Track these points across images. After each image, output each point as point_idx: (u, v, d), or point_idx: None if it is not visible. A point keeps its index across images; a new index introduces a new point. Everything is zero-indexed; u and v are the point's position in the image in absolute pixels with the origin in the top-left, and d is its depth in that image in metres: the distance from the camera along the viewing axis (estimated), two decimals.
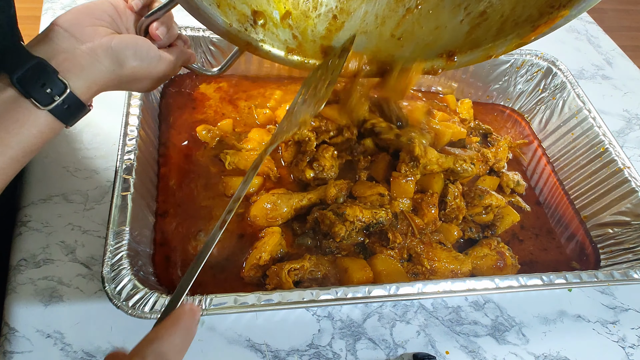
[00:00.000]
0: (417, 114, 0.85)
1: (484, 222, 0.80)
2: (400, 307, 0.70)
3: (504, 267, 0.73)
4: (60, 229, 0.67)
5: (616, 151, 0.84)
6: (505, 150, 0.91)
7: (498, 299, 0.73)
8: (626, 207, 0.81)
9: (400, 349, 0.65)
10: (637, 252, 0.76)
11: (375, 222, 0.71)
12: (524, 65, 0.97)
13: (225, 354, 0.61)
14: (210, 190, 0.75)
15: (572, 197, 0.89)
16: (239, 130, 0.84)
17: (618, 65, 1.22)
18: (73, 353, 0.58)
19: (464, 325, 0.69)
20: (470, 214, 0.79)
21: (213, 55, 0.87)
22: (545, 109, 0.98)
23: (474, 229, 0.79)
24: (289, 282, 0.63)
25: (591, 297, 0.77)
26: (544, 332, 0.71)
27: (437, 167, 0.77)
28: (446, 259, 0.72)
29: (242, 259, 0.68)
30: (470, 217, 0.80)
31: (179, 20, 0.98)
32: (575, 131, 0.91)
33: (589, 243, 0.83)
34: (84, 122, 0.78)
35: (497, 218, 0.80)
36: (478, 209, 0.79)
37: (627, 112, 1.11)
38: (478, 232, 0.79)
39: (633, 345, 0.72)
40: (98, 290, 0.63)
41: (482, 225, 0.80)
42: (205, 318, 0.63)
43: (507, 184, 0.87)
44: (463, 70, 0.97)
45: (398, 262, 0.70)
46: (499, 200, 0.78)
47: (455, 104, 0.99)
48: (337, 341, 0.65)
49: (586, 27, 1.31)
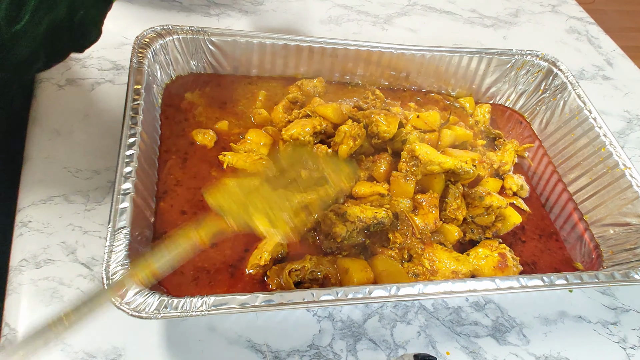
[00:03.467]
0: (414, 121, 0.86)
1: (485, 224, 0.80)
2: (401, 307, 0.69)
3: (505, 268, 0.73)
4: (61, 230, 0.67)
5: (617, 152, 0.84)
6: (511, 154, 0.91)
7: (499, 299, 0.73)
8: (627, 207, 0.81)
9: (401, 350, 0.65)
10: (637, 252, 0.76)
11: (376, 222, 0.71)
12: (525, 66, 0.97)
13: (225, 354, 0.61)
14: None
15: (573, 197, 0.89)
16: (237, 131, 0.84)
17: (619, 66, 1.22)
18: (74, 353, 0.58)
19: (464, 326, 0.69)
20: (471, 215, 0.79)
21: (213, 55, 0.87)
22: (546, 110, 0.98)
23: (475, 230, 0.79)
24: (290, 282, 0.64)
25: (592, 298, 0.77)
26: (545, 333, 0.71)
27: (438, 167, 0.77)
28: (447, 259, 0.71)
29: (243, 259, 0.68)
30: (471, 219, 0.80)
31: (180, 20, 0.99)
32: (576, 132, 0.91)
33: (590, 243, 0.83)
34: (84, 123, 0.79)
35: (498, 219, 0.80)
36: (479, 210, 0.79)
37: (628, 112, 1.10)
38: (479, 233, 0.79)
39: (634, 346, 0.72)
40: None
41: (484, 227, 0.80)
42: (205, 318, 0.63)
43: (509, 187, 0.87)
44: (463, 71, 0.97)
45: (398, 262, 0.70)
46: (500, 201, 0.78)
47: (474, 107, 0.99)
48: (338, 342, 0.65)
49: (587, 28, 1.31)
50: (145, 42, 0.79)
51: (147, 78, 0.75)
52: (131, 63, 0.75)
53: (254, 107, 0.88)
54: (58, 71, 0.84)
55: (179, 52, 0.85)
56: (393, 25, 1.15)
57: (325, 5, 1.14)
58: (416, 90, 1.00)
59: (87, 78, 0.84)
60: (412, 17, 1.18)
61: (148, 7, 0.99)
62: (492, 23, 1.24)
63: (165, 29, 0.82)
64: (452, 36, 1.16)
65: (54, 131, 0.76)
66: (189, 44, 0.84)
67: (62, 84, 0.82)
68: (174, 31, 0.83)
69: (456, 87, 1.00)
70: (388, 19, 1.16)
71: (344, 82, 0.96)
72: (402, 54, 0.92)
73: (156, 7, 1.00)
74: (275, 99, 0.90)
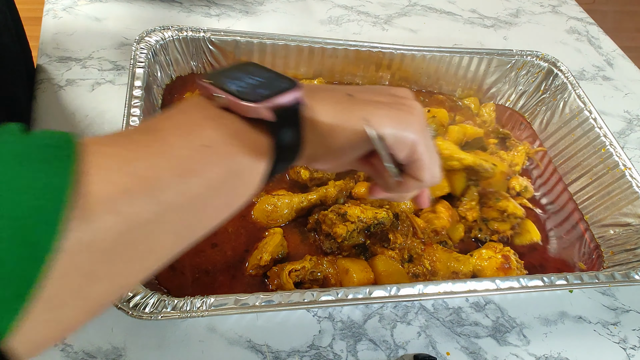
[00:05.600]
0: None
1: (497, 229, 0.78)
2: (401, 308, 0.69)
3: (509, 270, 0.73)
4: None
5: (617, 152, 0.84)
6: (522, 155, 0.91)
7: (499, 300, 0.73)
8: (627, 208, 0.81)
9: (401, 350, 0.65)
10: (638, 253, 0.76)
11: (376, 223, 0.71)
12: (525, 66, 0.97)
13: (225, 354, 0.61)
14: None
15: (574, 197, 0.89)
16: None
17: (619, 66, 1.22)
18: (74, 354, 0.58)
19: (464, 327, 0.69)
20: (484, 217, 0.78)
21: (214, 55, 0.87)
22: (546, 110, 0.98)
23: (483, 229, 0.78)
24: (290, 283, 0.64)
25: (592, 298, 0.77)
26: (545, 334, 0.71)
27: (458, 163, 0.76)
28: (447, 260, 0.72)
29: (243, 259, 0.68)
30: (484, 222, 0.78)
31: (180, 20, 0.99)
32: (576, 132, 0.91)
33: (590, 244, 0.83)
34: (84, 124, 0.79)
35: (516, 232, 0.79)
36: (494, 213, 0.77)
37: (628, 113, 1.10)
38: (487, 233, 0.78)
39: (634, 347, 0.72)
40: None
41: (493, 231, 0.79)
42: (205, 319, 0.63)
43: (512, 187, 0.86)
44: (463, 71, 0.97)
45: (399, 263, 0.70)
46: (516, 208, 0.77)
47: (478, 107, 0.99)
48: (338, 342, 0.65)
49: (587, 28, 1.31)
50: (145, 43, 0.79)
51: (147, 78, 0.75)
52: (131, 63, 0.75)
53: None
54: (58, 71, 0.84)
55: (179, 53, 0.85)
56: (393, 26, 1.15)
57: (325, 6, 1.14)
58: (417, 90, 1.00)
59: (87, 78, 0.84)
60: (412, 18, 1.18)
61: (148, 7, 0.99)
62: (492, 23, 1.24)
63: (165, 29, 0.82)
64: (452, 36, 1.16)
65: None
66: (189, 44, 0.84)
67: (62, 84, 0.83)
68: (174, 31, 0.83)
69: (457, 87, 1.00)
70: (388, 20, 1.16)
71: (344, 83, 0.96)
72: (402, 54, 0.92)
73: (156, 7, 1.00)
74: None
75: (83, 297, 0.26)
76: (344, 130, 0.37)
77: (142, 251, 0.28)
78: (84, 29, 0.92)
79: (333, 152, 0.39)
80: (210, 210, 0.33)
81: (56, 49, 0.87)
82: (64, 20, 0.92)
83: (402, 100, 0.40)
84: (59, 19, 0.92)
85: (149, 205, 0.28)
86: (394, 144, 0.38)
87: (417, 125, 0.39)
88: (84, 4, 0.96)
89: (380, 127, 0.37)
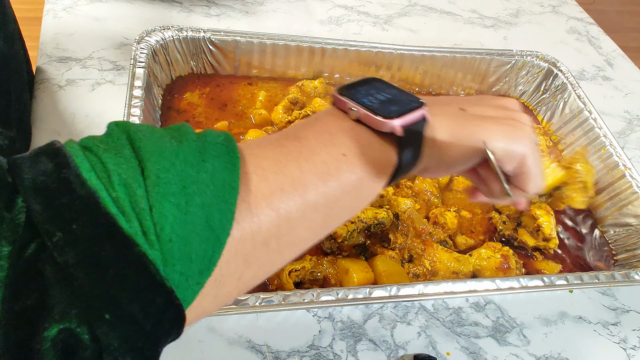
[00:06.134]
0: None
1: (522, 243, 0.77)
2: (401, 308, 0.69)
3: (508, 270, 0.73)
4: None
5: (617, 152, 0.84)
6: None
7: (499, 300, 0.73)
8: (627, 208, 0.81)
9: (401, 350, 0.65)
10: (638, 253, 0.76)
11: (376, 223, 0.71)
12: (525, 67, 0.97)
13: (225, 354, 0.61)
14: None
15: None
16: (237, 131, 0.84)
17: (619, 67, 1.22)
18: None
19: (464, 327, 0.69)
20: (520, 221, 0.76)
21: (213, 55, 0.87)
22: (546, 110, 0.98)
23: (508, 223, 0.77)
24: (290, 283, 0.64)
25: (592, 299, 0.77)
26: (545, 334, 0.71)
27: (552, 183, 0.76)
28: (447, 260, 0.72)
29: None
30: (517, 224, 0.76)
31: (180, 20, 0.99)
32: (576, 132, 0.91)
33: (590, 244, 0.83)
34: (84, 124, 0.79)
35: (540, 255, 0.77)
36: (530, 221, 0.77)
37: (628, 113, 1.10)
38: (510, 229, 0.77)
39: (634, 347, 0.72)
40: None
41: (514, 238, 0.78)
42: (205, 319, 0.63)
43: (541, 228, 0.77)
44: (463, 72, 0.97)
45: (399, 263, 0.70)
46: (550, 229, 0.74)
47: None
48: (338, 342, 0.65)
49: (587, 28, 1.31)
50: (146, 43, 0.79)
51: (147, 78, 0.75)
52: (131, 63, 0.75)
53: (254, 108, 0.88)
54: (58, 72, 0.84)
55: (179, 53, 0.85)
56: (393, 26, 1.15)
57: (325, 6, 1.14)
58: (417, 90, 1.00)
59: (87, 78, 0.84)
60: (413, 18, 1.18)
61: (148, 7, 0.99)
62: (492, 23, 1.24)
63: (165, 29, 0.82)
64: (453, 36, 1.16)
65: (54, 132, 0.76)
66: (189, 44, 0.85)
67: (62, 84, 0.82)
68: (174, 31, 0.83)
69: (457, 87, 1.00)
70: (388, 20, 1.16)
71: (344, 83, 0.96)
72: (402, 55, 0.92)
73: (156, 7, 1.00)
74: (275, 100, 0.90)
75: (238, 279, 0.31)
76: (460, 147, 0.40)
77: (285, 244, 0.33)
78: (84, 29, 0.92)
79: (445, 165, 0.41)
80: (339, 212, 0.37)
81: (56, 49, 0.87)
82: (64, 20, 0.92)
83: (512, 114, 0.42)
84: (59, 19, 0.92)
85: (297, 203, 0.32)
86: (504, 157, 0.40)
87: (527, 140, 0.41)
88: (84, 4, 0.96)
89: (493, 144, 0.40)
